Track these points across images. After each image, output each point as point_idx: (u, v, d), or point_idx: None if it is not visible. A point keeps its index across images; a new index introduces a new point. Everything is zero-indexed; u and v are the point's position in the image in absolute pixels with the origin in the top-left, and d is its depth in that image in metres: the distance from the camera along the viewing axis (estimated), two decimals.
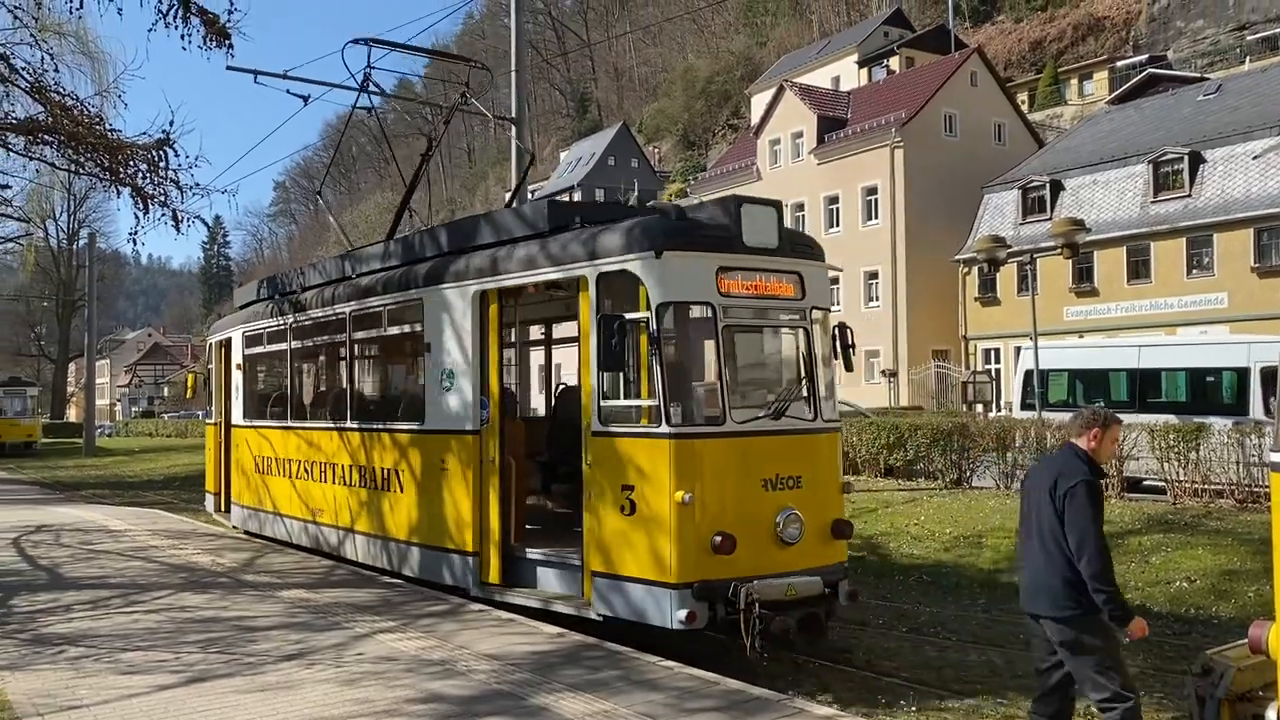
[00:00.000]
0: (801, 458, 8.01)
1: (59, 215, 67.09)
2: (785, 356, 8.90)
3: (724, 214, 7.96)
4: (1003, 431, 16.29)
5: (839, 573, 8.04)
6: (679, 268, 7.67)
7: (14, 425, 46.99)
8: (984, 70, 45.00)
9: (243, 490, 14.50)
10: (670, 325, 7.86)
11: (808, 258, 8.52)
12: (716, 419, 7.73)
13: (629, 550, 7.70)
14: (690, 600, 7.34)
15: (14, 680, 6.81)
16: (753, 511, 7.60)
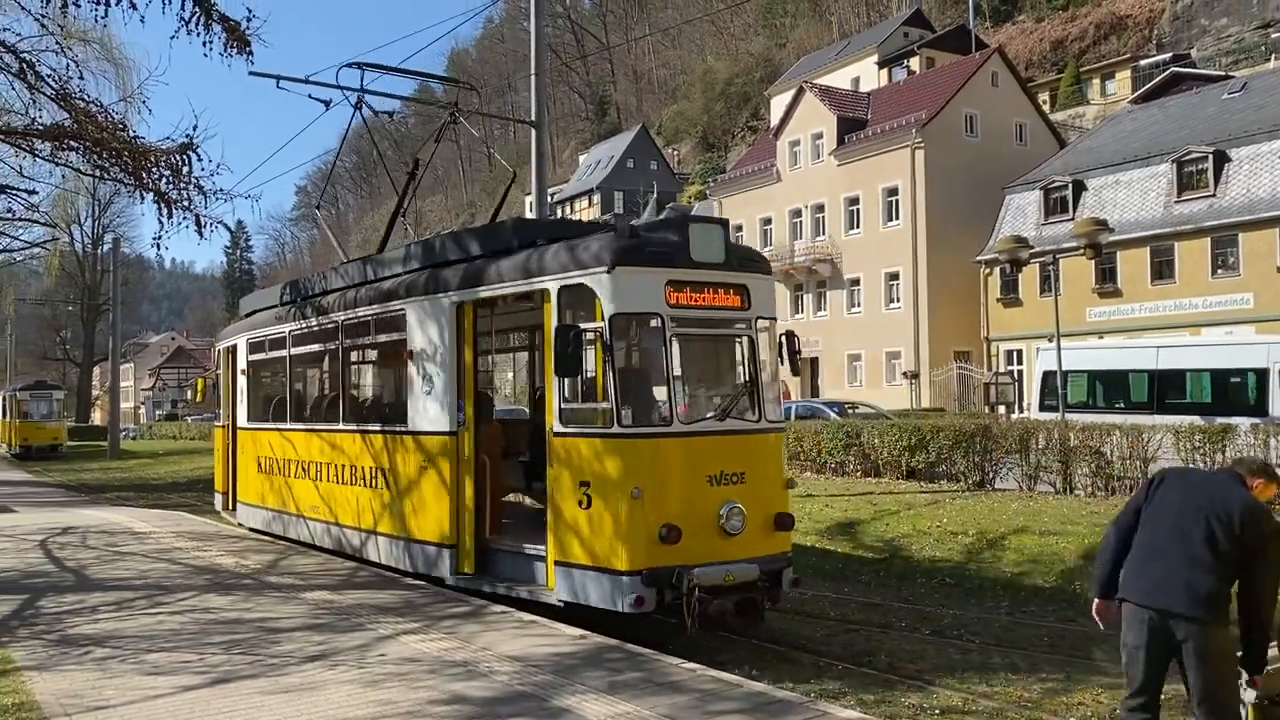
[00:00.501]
0: (745, 456, 8.65)
1: (83, 220, 67.74)
2: (731, 363, 9.46)
3: (673, 231, 8.67)
4: (1026, 433, 16.17)
5: (782, 561, 8.68)
6: (630, 282, 8.37)
7: (40, 428, 47.43)
8: (1005, 70, 44.76)
9: (247, 489, 15.25)
10: (623, 334, 8.65)
11: (754, 271, 9.14)
12: (665, 420, 8.48)
13: (586, 541, 8.40)
14: (639, 586, 8.03)
15: (41, 680, 6.87)
16: (698, 505, 8.26)
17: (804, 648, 8.78)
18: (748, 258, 9.42)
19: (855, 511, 14.95)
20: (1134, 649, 4.86)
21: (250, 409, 15.20)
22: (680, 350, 9.00)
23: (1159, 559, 4.85)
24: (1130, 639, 4.88)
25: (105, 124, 11.07)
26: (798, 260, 46.04)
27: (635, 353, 9.11)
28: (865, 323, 43.44)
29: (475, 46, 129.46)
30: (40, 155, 12.39)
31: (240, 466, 15.63)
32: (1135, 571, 4.93)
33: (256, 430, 14.90)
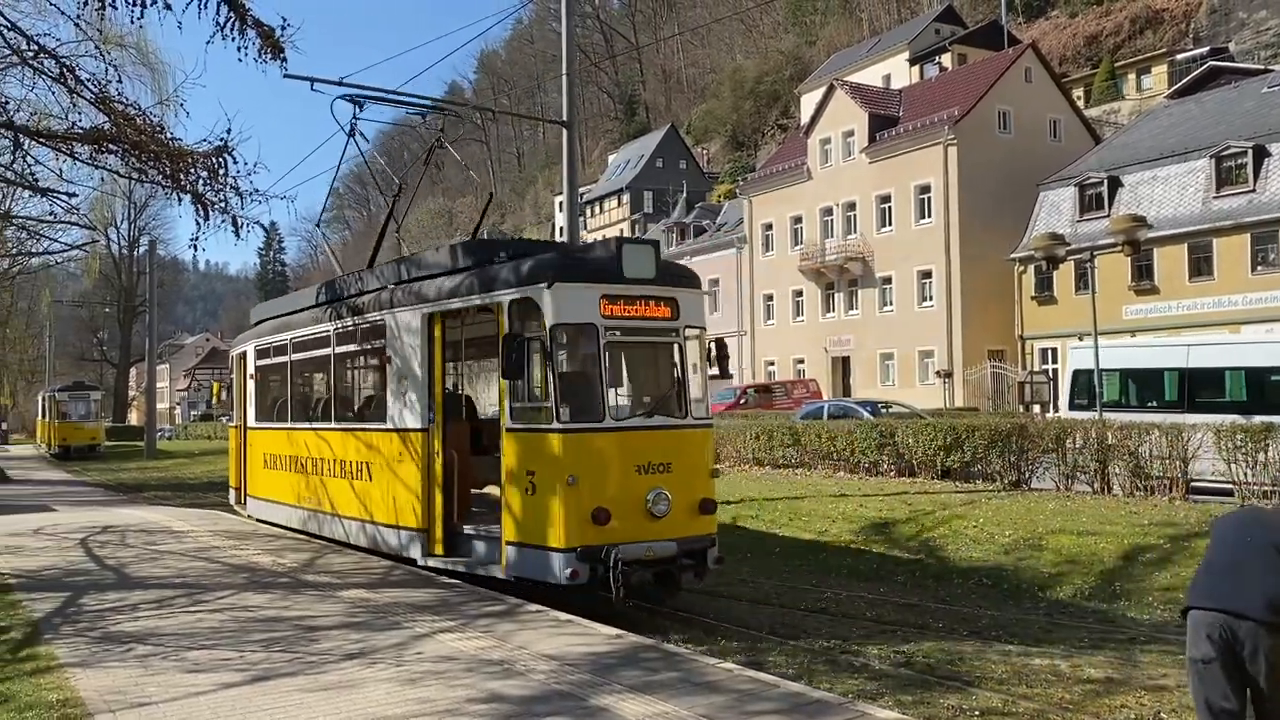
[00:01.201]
0: (671, 448, 9.78)
1: (120, 223, 68.60)
2: (660, 366, 10.51)
3: (608, 251, 10.00)
4: (1063, 432, 15.98)
5: (706, 541, 9.86)
6: (568, 296, 9.54)
7: (79, 428, 48.08)
8: (1038, 66, 44.30)
9: (257, 484, 16.58)
10: (563, 342, 9.75)
11: (683, 285, 10.34)
12: (597, 415, 9.50)
13: (531, 523, 9.60)
14: (574, 561, 9.16)
15: (85, 677, 6.95)
16: (627, 491, 9.40)
17: (839, 649, 8.71)
18: (678, 273, 10.62)
19: (890, 511, 14.85)
20: (1203, 664, 4.44)
21: (258, 410, 16.49)
22: (614, 355, 10.14)
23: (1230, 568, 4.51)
24: (1198, 652, 4.45)
25: (143, 127, 11.18)
26: (829, 259, 45.82)
27: (574, 358, 10.10)
28: (897, 321, 43.15)
29: (505, 47, 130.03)
30: (80, 158, 12.52)
31: (250, 463, 16.89)
32: (1204, 578, 4.60)
33: (263, 430, 16.23)
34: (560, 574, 9.25)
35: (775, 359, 49.83)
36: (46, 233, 19.10)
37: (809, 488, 17.77)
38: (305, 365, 15.00)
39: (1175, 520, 12.72)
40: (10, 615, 9.22)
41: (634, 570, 9.24)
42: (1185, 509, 13.40)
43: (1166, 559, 11.48)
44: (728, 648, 8.43)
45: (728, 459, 22.04)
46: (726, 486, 18.72)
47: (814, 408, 26.99)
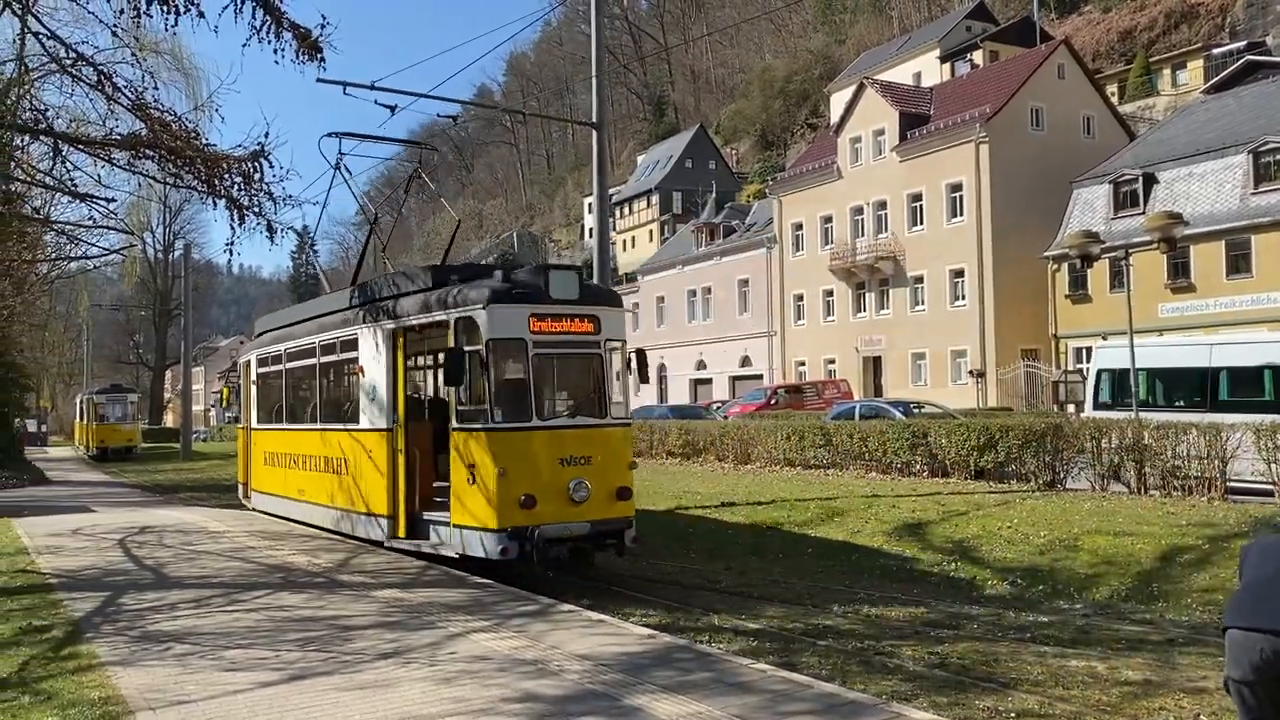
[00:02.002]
0: (591, 444, 11.40)
1: (156, 227, 69.52)
2: (583, 374, 11.97)
3: (537, 276, 11.61)
4: (1098, 432, 15.81)
5: (624, 523, 11.55)
6: (501, 315, 11.11)
7: (116, 430, 48.72)
8: (1071, 62, 43.84)
9: (258, 479, 18.51)
10: (497, 354, 11.25)
11: (604, 304, 11.96)
12: (526, 416, 11.09)
13: (472, 508, 11.15)
14: (505, 539, 10.76)
15: (126, 675, 7.05)
16: (551, 480, 11.01)
17: (873, 650, 8.67)
18: (600, 294, 12.28)
19: (923, 512, 14.76)
20: (1244, 685, 4.19)
21: (259, 413, 18.48)
22: (542, 364, 11.56)
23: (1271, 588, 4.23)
24: (1237, 672, 4.21)
25: (179, 133, 11.32)
26: (859, 258, 45.59)
27: (507, 367, 11.52)
28: (929, 321, 42.86)
29: (534, 50, 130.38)
30: (117, 164, 12.68)
31: (253, 460, 18.91)
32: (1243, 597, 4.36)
33: (263, 430, 18.18)
34: (494, 551, 10.89)
35: (806, 359, 49.65)
36: (85, 237, 19.37)
37: (841, 488, 17.69)
38: (297, 373, 16.66)
39: (1214, 521, 12.55)
40: (52, 614, 9.36)
41: (553, 547, 10.95)
42: (1224, 509, 13.22)
43: (1205, 560, 11.33)
44: (761, 648, 8.41)
45: (758, 460, 21.99)
46: (758, 487, 18.69)
47: (845, 408, 26.87)
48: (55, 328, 50.61)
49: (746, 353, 53.88)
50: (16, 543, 14.81)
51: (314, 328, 15.69)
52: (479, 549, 11.08)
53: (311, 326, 15.89)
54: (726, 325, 55.31)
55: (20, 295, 19.43)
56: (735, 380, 53.85)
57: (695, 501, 17.76)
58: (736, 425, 24.54)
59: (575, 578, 11.80)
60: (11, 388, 32.39)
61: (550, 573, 11.31)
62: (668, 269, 61.06)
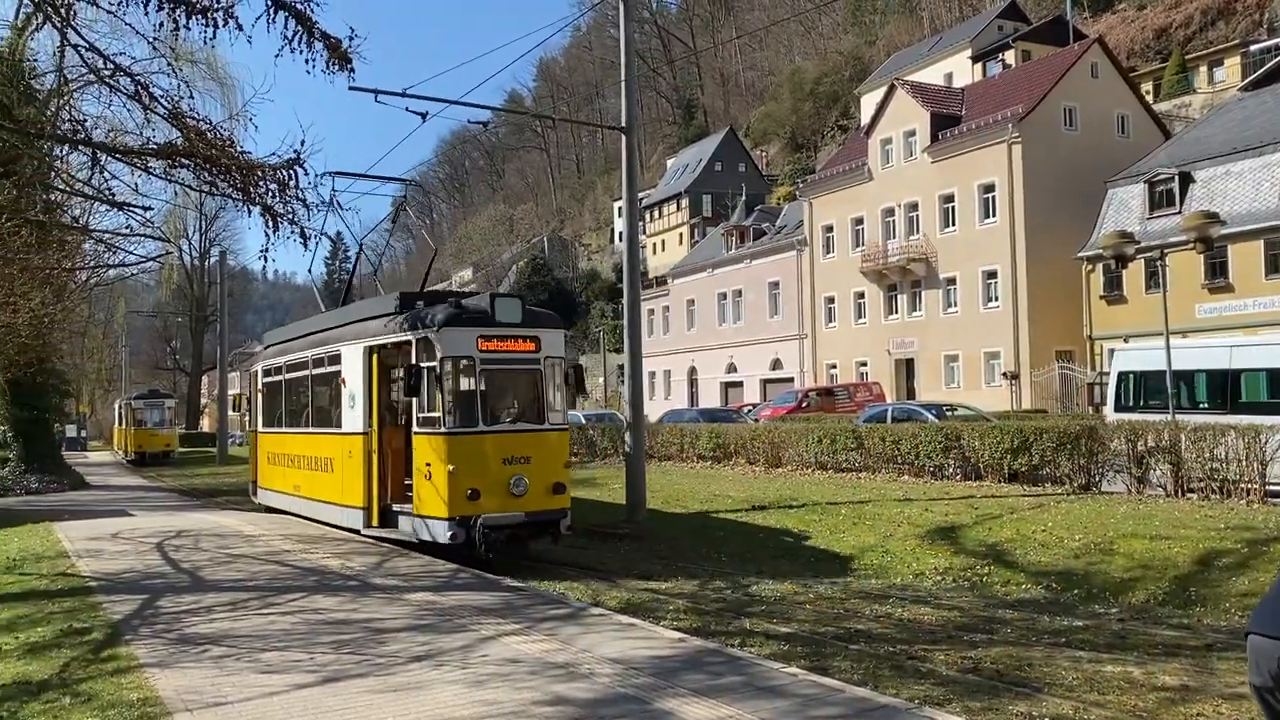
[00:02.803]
0: (530, 446, 13.28)
1: (191, 235, 70.38)
2: (524, 386, 13.81)
3: (485, 303, 13.46)
4: (1134, 434, 15.64)
5: (560, 514, 13.43)
6: (453, 336, 13.03)
7: (153, 435, 49.32)
8: (1105, 61, 43.38)
9: (263, 477, 20.83)
10: (450, 369, 13.13)
11: (544, 326, 13.92)
12: (473, 423, 13.02)
13: (427, 500, 13.13)
14: (454, 526, 12.70)
15: (164, 677, 7.15)
16: (495, 477, 12.90)
17: (905, 654, 8.62)
18: (541, 318, 14.18)
19: (956, 516, 14.65)
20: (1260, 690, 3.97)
21: (264, 418, 20.74)
22: (489, 378, 13.38)
23: None
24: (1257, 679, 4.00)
25: (215, 141, 11.45)
26: (891, 260, 45.35)
27: (458, 381, 13.34)
28: (962, 322, 42.54)
29: (564, 55, 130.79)
30: (154, 173, 12.84)
31: (259, 460, 21.20)
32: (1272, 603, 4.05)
33: (267, 433, 20.41)
34: (444, 537, 12.80)
35: (837, 362, 49.43)
36: (122, 245, 19.66)
37: (873, 492, 17.60)
38: (294, 383, 18.71)
39: (1253, 524, 12.38)
40: (92, 617, 9.51)
41: (493, 533, 12.75)
42: (1264, 512, 13.03)
43: (1244, 564, 11.18)
44: (792, 652, 8.39)
45: (789, 463, 21.92)
46: (790, 491, 18.63)
47: (877, 410, 26.73)
48: (94, 334, 51.43)
49: (777, 355, 53.73)
50: (57, 546, 15.05)
51: (307, 343, 17.98)
52: (435, 535, 13.02)
53: (305, 342, 18.17)
54: (757, 328, 55.18)
55: (60, 302, 19.74)
56: (766, 383, 53.70)
57: (726, 505, 17.74)
58: (767, 428, 24.48)
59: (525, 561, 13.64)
60: (52, 393, 32.89)
61: (490, 555, 12.79)
62: (698, 272, 61.02)
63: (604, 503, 19.96)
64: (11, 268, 15.01)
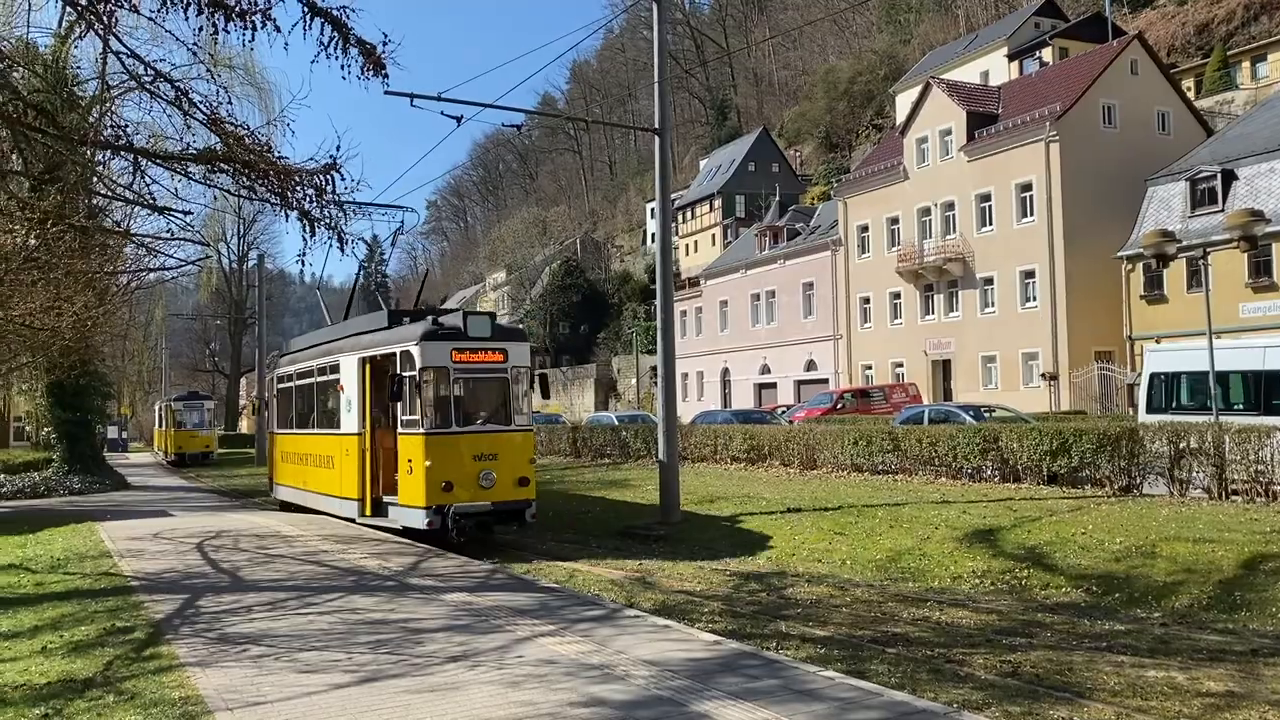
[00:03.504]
0: (498, 444, 15.35)
1: (230, 238, 71.22)
2: (494, 393, 15.87)
3: (459, 320, 15.47)
4: (1175, 436, 15.40)
5: (524, 504, 15.37)
6: (431, 348, 15.03)
7: (193, 436, 49.91)
8: (1145, 57, 42.78)
9: (278, 473, 23.03)
10: (428, 378, 15.09)
11: (511, 340, 15.93)
12: (448, 424, 15.07)
13: (409, 492, 15.15)
14: (431, 515, 14.68)
15: (204, 676, 7.23)
16: (466, 471, 14.88)
17: (944, 658, 8.54)
18: (508, 333, 16.29)
19: (994, 518, 14.50)
20: None
21: (278, 420, 23.17)
22: (463, 385, 15.50)
23: None
24: None
25: (253, 146, 11.55)
26: (927, 260, 44.98)
27: (435, 388, 15.24)
28: (1000, 323, 42.11)
29: (597, 57, 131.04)
30: (194, 178, 12.99)
31: (275, 459, 23.39)
32: None
33: (281, 434, 22.73)
34: (422, 523, 14.78)
35: (872, 363, 49.10)
36: (162, 249, 19.91)
37: (910, 494, 17.46)
38: (302, 389, 20.88)
39: None
40: (134, 616, 9.64)
41: (465, 521, 14.83)
42: None
43: None
44: (829, 655, 8.34)
45: (824, 465, 21.80)
46: (825, 493, 18.53)
47: (914, 412, 26.52)
48: (135, 337, 52.06)
49: (811, 356, 53.47)
50: (100, 546, 15.28)
51: (313, 354, 20.18)
52: (415, 522, 14.98)
53: (312, 353, 20.38)
54: (791, 329, 54.94)
55: (102, 305, 20.05)
56: (800, 384, 53.44)
57: (760, 507, 17.67)
58: (802, 430, 24.36)
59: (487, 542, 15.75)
60: (94, 395, 33.32)
61: (460, 539, 14.79)
62: (731, 273, 60.87)
63: (638, 504, 19.95)
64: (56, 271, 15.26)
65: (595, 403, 74.10)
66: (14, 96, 11.52)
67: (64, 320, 18.41)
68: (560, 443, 33.06)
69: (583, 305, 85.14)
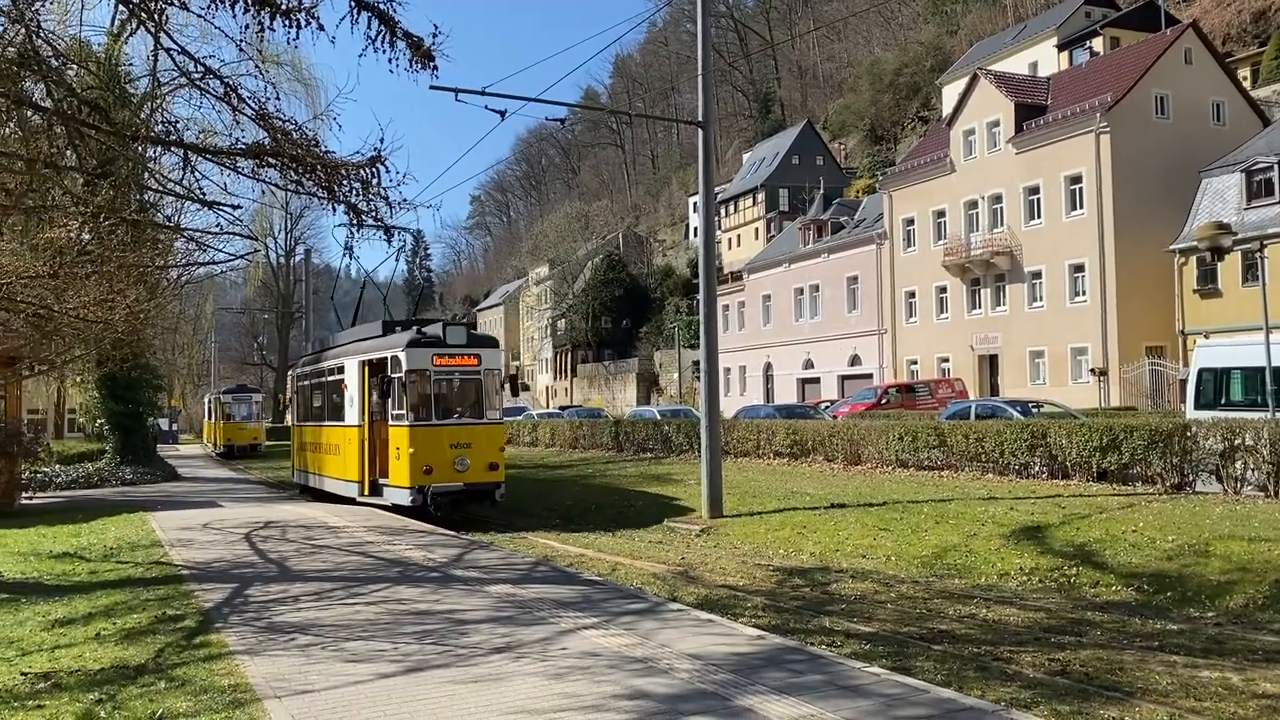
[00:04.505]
0: (471, 435, 18.30)
1: (277, 233, 72.09)
2: (469, 391, 19.00)
3: (439, 330, 18.53)
4: (1230, 432, 15.08)
5: (493, 486, 18.39)
6: (414, 354, 18.06)
7: (241, 429, 50.68)
8: (1200, 46, 41.90)
9: (299, 460, 26.53)
10: (413, 379, 18.12)
11: (484, 346, 19.36)
12: (429, 418, 18.06)
13: (397, 474, 18.19)
14: (414, 494, 17.64)
15: (253, 665, 7.33)
16: (444, 457, 17.85)
17: (991, 655, 8.44)
18: (481, 340, 19.75)
19: (1042, 515, 14.30)
20: None
21: (298, 414, 26.95)
22: (442, 385, 18.62)
23: None
24: None
25: (300, 141, 11.66)
26: (974, 253, 44.43)
27: (419, 387, 18.30)
28: (1048, 317, 41.52)
29: (639, 51, 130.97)
30: (242, 172, 13.13)
31: (296, 448, 26.93)
32: None
33: (301, 426, 26.38)
34: (406, 500, 17.80)
35: (918, 358, 48.64)
36: (212, 243, 20.21)
37: (956, 490, 17.28)
38: (316, 387, 24.24)
39: None
40: (184, 604, 9.80)
41: (441, 498, 17.87)
42: None
43: None
44: (874, 651, 8.27)
45: (869, 461, 21.64)
46: (870, 489, 18.39)
47: (960, 407, 26.24)
48: (185, 330, 52.93)
49: (856, 351, 53.08)
50: (151, 536, 15.55)
51: (325, 357, 23.56)
52: (401, 500, 18.04)
53: (324, 356, 23.80)
54: (835, 323, 54.58)
55: (153, 299, 20.37)
56: (844, 379, 53.07)
57: (804, 503, 17.57)
58: (846, 425, 24.19)
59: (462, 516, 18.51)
60: (145, 388, 33.88)
61: (438, 514, 17.73)
62: (774, 267, 60.57)
63: (680, 499, 19.93)
64: (108, 265, 15.51)
65: (637, 397, 74.17)
66: (69, 94, 11.72)
67: (116, 313, 18.71)
68: (602, 437, 33.12)
69: (625, 300, 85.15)
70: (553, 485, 24.74)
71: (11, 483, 21.14)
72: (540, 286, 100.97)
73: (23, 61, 9.82)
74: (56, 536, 15.90)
